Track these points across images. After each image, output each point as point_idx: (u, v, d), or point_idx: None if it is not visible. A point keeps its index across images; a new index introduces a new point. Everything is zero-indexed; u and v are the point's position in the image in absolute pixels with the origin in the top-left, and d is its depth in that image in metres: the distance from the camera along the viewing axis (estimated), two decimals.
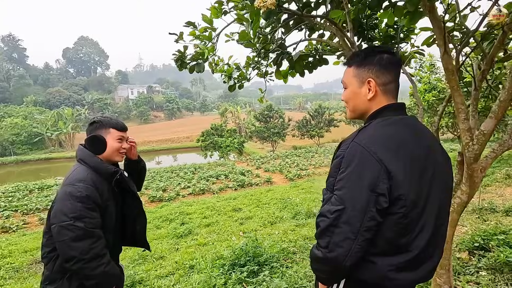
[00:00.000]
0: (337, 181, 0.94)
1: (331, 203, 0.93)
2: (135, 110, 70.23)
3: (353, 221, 0.89)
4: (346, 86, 1.11)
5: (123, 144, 1.62)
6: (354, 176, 0.91)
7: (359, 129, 1.02)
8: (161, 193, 10.73)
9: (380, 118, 1.03)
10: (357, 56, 1.09)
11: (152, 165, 27.72)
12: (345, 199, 0.91)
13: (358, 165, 0.92)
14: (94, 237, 1.36)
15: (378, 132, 0.99)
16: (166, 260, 4.06)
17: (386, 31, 2.47)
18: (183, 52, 2.56)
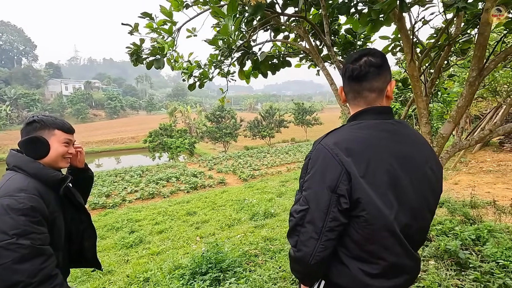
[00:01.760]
0: (303, 182, 0.97)
1: (299, 203, 0.96)
2: (70, 108, 63.23)
3: (316, 221, 0.91)
4: None
5: (70, 149, 1.38)
6: (317, 177, 0.93)
7: (330, 131, 1.03)
8: (104, 199, 9.80)
9: (355, 121, 1.03)
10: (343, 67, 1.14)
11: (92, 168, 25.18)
12: (309, 199, 0.93)
13: (320, 166, 0.94)
14: (43, 255, 1.11)
15: (345, 135, 0.99)
16: (115, 275, 3.68)
17: (345, 37, 2.58)
18: (139, 45, 2.33)
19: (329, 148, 0.94)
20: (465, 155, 8.28)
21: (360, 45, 2.58)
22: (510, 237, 2.78)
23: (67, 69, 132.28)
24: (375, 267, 0.95)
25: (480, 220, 3.37)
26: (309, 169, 0.96)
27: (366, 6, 1.77)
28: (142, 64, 2.43)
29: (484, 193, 4.90)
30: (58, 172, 1.30)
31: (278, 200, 7.08)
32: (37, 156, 1.27)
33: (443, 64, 2.08)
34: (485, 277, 2.29)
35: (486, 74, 1.31)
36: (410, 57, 1.41)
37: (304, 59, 2.94)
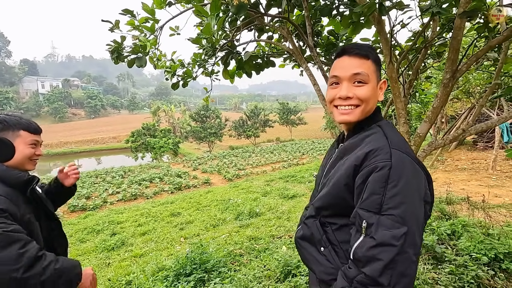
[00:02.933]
0: (388, 198, 0.77)
1: (388, 227, 0.76)
2: (47, 107, 60.72)
3: (417, 241, 0.77)
4: (367, 81, 0.92)
5: (37, 150, 1.32)
6: (411, 188, 0.79)
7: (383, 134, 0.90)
8: (84, 201, 9.48)
9: (384, 121, 0.98)
10: (372, 50, 0.96)
11: None
12: (406, 217, 0.76)
13: (410, 176, 0.80)
14: (19, 241, 1.03)
15: (399, 136, 0.92)
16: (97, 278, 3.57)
17: (328, 38, 2.63)
18: (120, 43, 2.27)
19: (408, 154, 0.84)
20: (442, 153, 8.63)
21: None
22: (482, 231, 2.93)
23: (44, 66, 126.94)
24: None
25: (455, 216, 3.54)
26: (393, 181, 0.78)
27: (348, 8, 1.81)
28: (124, 62, 2.37)
29: (459, 190, 5.13)
30: (24, 173, 1.24)
31: (263, 200, 7.11)
32: (1, 159, 1.21)
33: (420, 66, 2.16)
34: (459, 270, 2.40)
35: (459, 76, 1.38)
36: (389, 59, 1.46)
37: (288, 59, 2.97)
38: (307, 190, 7.69)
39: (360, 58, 0.92)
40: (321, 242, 0.95)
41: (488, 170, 6.24)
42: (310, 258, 0.99)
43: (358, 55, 0.92)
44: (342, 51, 0.96)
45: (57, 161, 32.08)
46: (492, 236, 2.78)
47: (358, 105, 0.94)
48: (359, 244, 0.79)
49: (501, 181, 5.58)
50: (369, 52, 0.93)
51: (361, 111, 0.94)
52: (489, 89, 1.57)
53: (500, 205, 4.15)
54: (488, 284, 2.29)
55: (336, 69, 0.96)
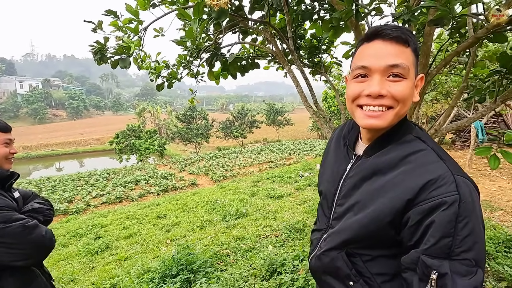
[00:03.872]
0: (461, 240, 0.63)
1: (463, 274, 0.63)
2: (26, 107, 58.48)
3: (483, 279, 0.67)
4: (406, 76, 0.72)
5: (11, 148, 1.34)
6: (480, 223, 0.66)
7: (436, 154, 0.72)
8: (66, 205, 9.21)
9: (418, 129, 0.80)
10: (414, 36, 0.74)
11: (52, 173, 23.58)
12: (479, 259, 0.64)
13: (478, 208, 0.67)
14: (37, 226, 1.27)
15: (445, 152, 0.76)
16: (79, 283, 3.51)
17: (310, 41, 2.70)
18: (104, 44, 2.25)
19: (468, 178, 0.70)
20: None
21: (324, 49, 2.72)
22: None
23: (22, 65, 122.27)
24: None
25: None
26: (463, 218, 0.64)
27: (328, 13, 1.88)
28: (107, 63, 2.36)
29: None
30: (3, 170, 1.27)
31: (250, 200, 7.14)
32: None
33: None
34: None
35: (430, 80, 1.47)
36: None
37: (272, 61, 3.02)
38: (293, 190, 7.79)
39: (398, 44, 0.71)
40: (350, 276, 0.80)
41: (465, 168, 6.53)
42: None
43: (396, 40, 0.71)
44: (375, 32, 0.73)
45: (37, 164, 30.97)
46: None
47: (391, 107, 0.73)
48: None
49: (477, 179, 5.85)
50: (409, 37, 0.72)
51: (395, 114, 0.73)
52: (458, 92, 1.67)
53: None
54: None
55: (365, 58, 0.74)
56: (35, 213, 1.41)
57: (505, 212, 3.91)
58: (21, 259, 1.17)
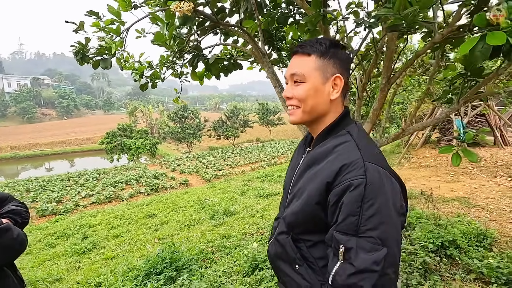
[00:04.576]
0: (366, 219, 0.71)
1: (367, 250, 0.71)
2: (14, 107, 57.34)
3: (396, 259, 0.74)
4: (304, 80, 0.86)
5: None
6: (388, 206, 0.73)
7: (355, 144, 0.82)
8: (54, 205, 9.12)
9: (354, 125, 0.90)
10: (319, 44, 0.87)
11: (41, 173, 23.19)
12: (385, 238, 0.71)
13: (387, 191, 0.75)
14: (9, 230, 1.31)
15: (370, 145, 0.86)
16: (64, 282, 3.52)
17: (292, 43, 2.77)
18: (85, 44, 2.28)
19: (383, 165, 0.78)
20: (409, 152, 9.13)
21: None
22: (433, 222, 3.19)
23: (10, 63, 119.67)
24: None
25: (412, 209, 3.81)
26: (370, 199, 0.72)
27: (302, 16, 1.95)
28: (89, 63, 2.38)
29: (421, 185, 5.49)
30: None
31: (239, 199, 7.20)
32: None
33: (372, 71, 2.34)
34: (410, 257, 2.62)
35: (393, 82, 1.56)
36: None
37: (255, 62, 3.08)
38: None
39: (301, 56, 0.88)
40: (295, 260, 0.88)
41: (448, 167, 6.72)
42: (286, 278, 0.93)
43: (299, 53, 0.88)
44: (292, 50, 0.93)
45: (25, 164, 30.41)
46: (440, 226, 3.05)
47: (298, 106, 0.88)
48: (338, 270, 0.74)
49: (458, 177, 6.03)
50: (311, 47, 0.86)
51: (302, 111, 0.88)
52: (422, 94, 1.76)
53: (454, 198, 4.51)
54: (434, 269, 2.52)
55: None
56: (14, 214, 1.44)
57: (482, 208, 4.06)
58: None
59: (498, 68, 1.49)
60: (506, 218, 3.68)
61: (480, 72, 1.55)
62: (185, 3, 1.00)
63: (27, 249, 5.26)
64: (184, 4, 1.00)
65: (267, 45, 2.71)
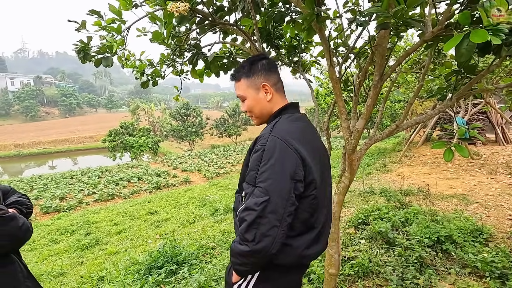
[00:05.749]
0: (260, 174, 0.98)
1: (256, 196, 0.96)
2: (17, 105, 57.69)
3: (278, 209, 0.94)
4: (244, 98, 1.18)
5: None
6: (277, 167, 0.96)
7: (272, 124, 1.10)
8: (58, 202, 9.24)
9: (286, 114, 1.15)
10: (242, 68, 1.17)
11: (44, 171, 23.37)
12: (269, 189, 0.94)
13: (279, 156, 0.97)
14: (14, 218, 1.36)
15: (289, 126, 1.09)
16: (68, 277, 3.59)
17: (290, 41, 2.81)
18: (87, 43, 2.33)
19: (283, 139, 1.01)
20: (410, 149, 9.14)
21: (303, 48, 2.83)
22: (430, 218, 3.23)
23: (13, 62, 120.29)
24: (312, 236, 1.08)
25: (410, 205, 3.85)
26: (264, 160, 0.98)
27: (298, 15, 1.99)
28: (91, 62, 2.43)
29: (420, 182, 5.52)
30: None
31: None
32: None
33: (369, 68, 2.37)
34: (406, 252, 2.66)
35: (385, 78, 1.59)
36: (329, 63, 1.64)
37: None
38: None
39: (236, 82, 1.20)
40: (238, 207, 1.12)
41: (448, 164, 6.73)
42: (234, 225, 1.18)
43: (234, 80, 1.21)
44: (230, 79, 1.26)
45: (29, 162, 30.66)
46: (437, 222, 3.09)
47: (252, 115, 1.22)
48: (240, 208, 1.03)
49: (458, 174, 6.04)
50: (238, 75, 1.18)
51: (256, 117, 1.22)
52: (416, 90, 1.80)
53: (453, 195, 4.54)
54: (430, 263, 2.56)
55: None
56: (19, 205, 1.51)
57: (480, 205, 4.08)
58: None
59: (490, 65, 1.52)
60: (503, 214, 3.71)
61: (473, 68, 1.59)
62: (181, 3, 1.05)
63: (32, 245, 5.36)
64: (180, 4, 1.04)
65: (265, 43, 2.75)
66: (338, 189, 1.96)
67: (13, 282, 1.37)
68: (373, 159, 9.91)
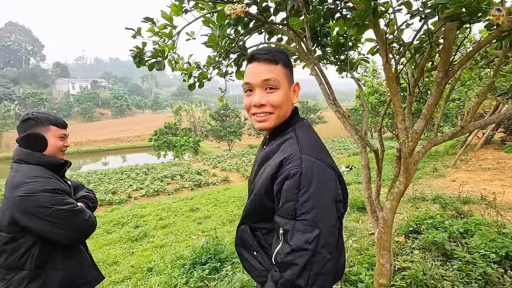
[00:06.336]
0: (301, 204, 0.80)
1: (302, 231, 0.79)
2: (77, 107, 64.20)
3: (329, 240, 0.81)
4: (278, 87, 0.92)
5: (65, 142, 1.57)
6: (320, 192, 0.81)
7: (296, 140, 0.92)
8: (111, 196, 10.06)
9: (300, 122, 1.00)
10: (281, 54, 0.95)
11: (98, 167, 25.67)
12: (317, 220, 0.79)
13: (320, 179, 0.82)
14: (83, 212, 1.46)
15: (312, 138, 0.95)
16: (121, 265, 3.88)
17: (337, 39, 2.71)
18: (142, 48, 2.49)
19: (319, 157, 0.87)
20: (466, 153, 8.31)
21: (351, 46, 2.71)
22: (496, 230, 2.88)
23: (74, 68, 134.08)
24: (343, 249, 1.01)
25: (470, 215, 3.48)
26: (304, 187, 0.80)
27: (350, 11, 1.91)
28: (145, 66, 2.59)
29: (480, 190, 4.97)
30: (58, 158, 1.50)
31: None
32: (37, 150, 1.45)
33: (426, 65, 2.20)
34: (467, 267, 2.41)
35: (451, 76, 1.44)
36: (385, 60, 1.54)
37: (298, 59, 3.07)
38: None
39: (269, 63, 0.92)
40: (253, 247, 0.99)
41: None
42: (247, 264, 1.03)
43: (266, 61, 0.92)
44: (251, 57, 0.95)
45: (86, 159, 33.90)
46: (505, 235, 2.74)
47: (272, 112, 0.94)
48: (278, 250, 0.83)
49: None
50: (277, 56, 0.93)
51: (276, 117, 0.95)
52: (485, 88, 1.60)
53: None
54: (496, 282, 2.29)
55: (247, 76, 0.95)
56: (86, 199, 1.66)
57: None
58: (64, 238, 1.39)
59: None
60: None
61: None
62: (238, 5, 1.06)
63: None
64: (237, 6, 1.05)
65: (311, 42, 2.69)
66: (392, 195, 1.83)
67: (80, 269, 1.50)
68: (422, 162, 9.19)
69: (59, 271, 1.41)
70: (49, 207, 1.33)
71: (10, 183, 1.36)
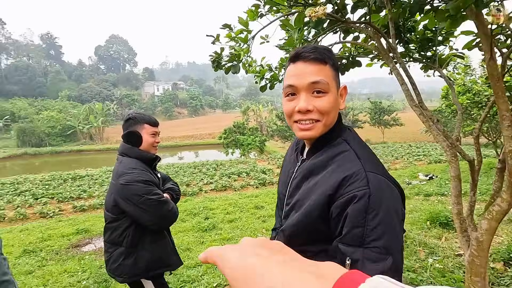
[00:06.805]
0: (371, 230, 0.71)
1: (374, 261, 0.69)
2: (160, 106, 72.62)
3: (400, 266, 0.73)
4: (327, 90, 0.82)
5: (156, 139, 1.79)
6: (391, 215, 0.73)
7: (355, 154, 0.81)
8: (185, 188, 11.06)
9: (348, 132, 0.90)
10: (329, 53, 0.85)
11: (175, 160, 28.57)
12: (389, 247, 0.70)
13: (389, 200, 0.74)
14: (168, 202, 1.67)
15: (367, 151, 0.85)
16: (193, 252, 4.24)
17: (423, 33, 2.44)
18: (220, 53, 2.67)
19: (384, 175, 0.77)
20: None
21: (441, 40, 2.42)
22: None
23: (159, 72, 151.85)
24: None
25: None
26: (373, 210, 0.71)
27: (442, 2, 1.70)
28: (222, 69, 2.77)
29: None
30: (150, 154, 1.74)
31: None
32: (135, 145, 1.71)
33: None
34: None
35: None
36: (489, 56, 1.32)
37: (375, 58, 2.88)
38: None
39: (317, 63, 0.81)
40: None
41: None
42: None
43: (314, 60, 0.81)
44: (296, 55, 0.83)
45: (165, 153, 38.09)
46: None
47: (318, 120, 0.83)
48: None
49: None
50: (326, 55, 0.82)
51: (323, 125, 0.84)
52: None
53: None
54: None
55: (291, 77, 0.83)
56: (172, 191, 1.87)
57: None
58: (151, 223, 1.61)
59: None
60: None
61: None
62: (319, 7, 1.05)
63: None
64: (319, 9, 1.04)
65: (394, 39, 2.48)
66: (490, 213, 1.56)
67: (164, 253, 1.70)
68: None
69: (147, 252, 1.63)
70: (141, 195, 1.55)
71: (115, 172, 1.63)
